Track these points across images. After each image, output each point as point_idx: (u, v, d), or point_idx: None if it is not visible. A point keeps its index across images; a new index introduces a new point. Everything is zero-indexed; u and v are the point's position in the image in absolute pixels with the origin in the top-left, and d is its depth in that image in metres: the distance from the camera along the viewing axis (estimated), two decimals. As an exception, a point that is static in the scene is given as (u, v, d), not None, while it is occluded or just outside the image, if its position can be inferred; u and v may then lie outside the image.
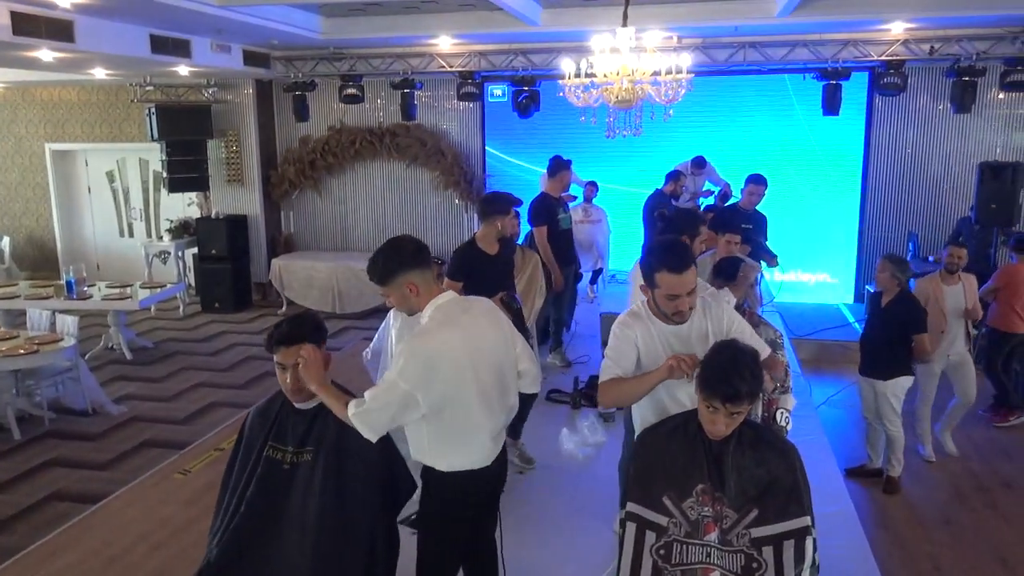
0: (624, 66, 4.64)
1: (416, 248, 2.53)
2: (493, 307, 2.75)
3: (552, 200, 6.17)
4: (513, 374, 2.71)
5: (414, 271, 2.49)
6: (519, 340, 2.77)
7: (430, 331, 2.47)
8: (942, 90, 8.47)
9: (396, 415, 2.39)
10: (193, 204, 10.78)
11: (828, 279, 9.40)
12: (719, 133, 9.19)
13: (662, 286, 2.47)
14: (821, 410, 6.31)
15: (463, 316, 2.54)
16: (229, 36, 7.98)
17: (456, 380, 2.45)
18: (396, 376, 2.38)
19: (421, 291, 2.51)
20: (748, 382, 2.15)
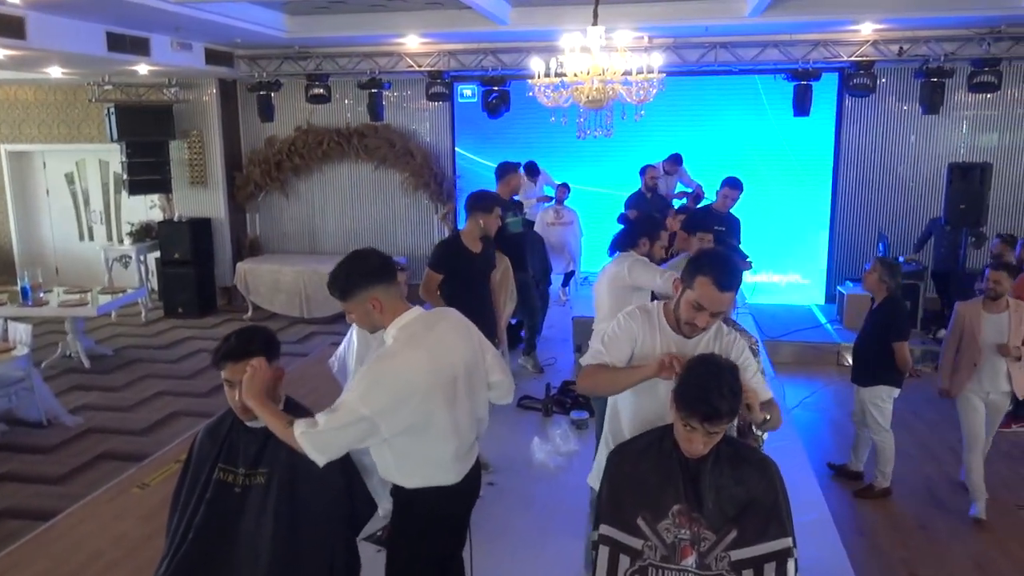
0: (595, 66, 4.54)
1: (381, 262, 2.40)
2: (461, 319, 2.62)
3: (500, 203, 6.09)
4: (484, 388, 2.61)
5: (378, 286, 2.35)
6: (490, 351, 2.66)
7: (395, 354, 2.33)
8: (911, 91, 8.50)
9: (354, 441, 2.25)
10: (155, 207, 10.50)
11: (800, 280, 9.39)
12: (690, 134, 9.14)
13: (697, 291, 2.33)
14: (795, 413, 6.28)
15: (429, 335, 2.40)
16: (190, 34, 7.75)
17: (423, 405, 2.32)
18: (358, 401, 2.22)
19: (385, 308, 2.37)
20: (728, 400, 2.04)
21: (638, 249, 3.85)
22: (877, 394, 4.85)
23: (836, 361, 7.65)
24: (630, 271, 3.80)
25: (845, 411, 6.44)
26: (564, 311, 7.76)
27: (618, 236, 3.96)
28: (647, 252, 3.86)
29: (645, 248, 3.87)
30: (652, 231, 3.91)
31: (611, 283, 3.83)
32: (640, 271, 3.79)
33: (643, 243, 3.86)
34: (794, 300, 9.22)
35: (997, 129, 8.53)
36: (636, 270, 3.80)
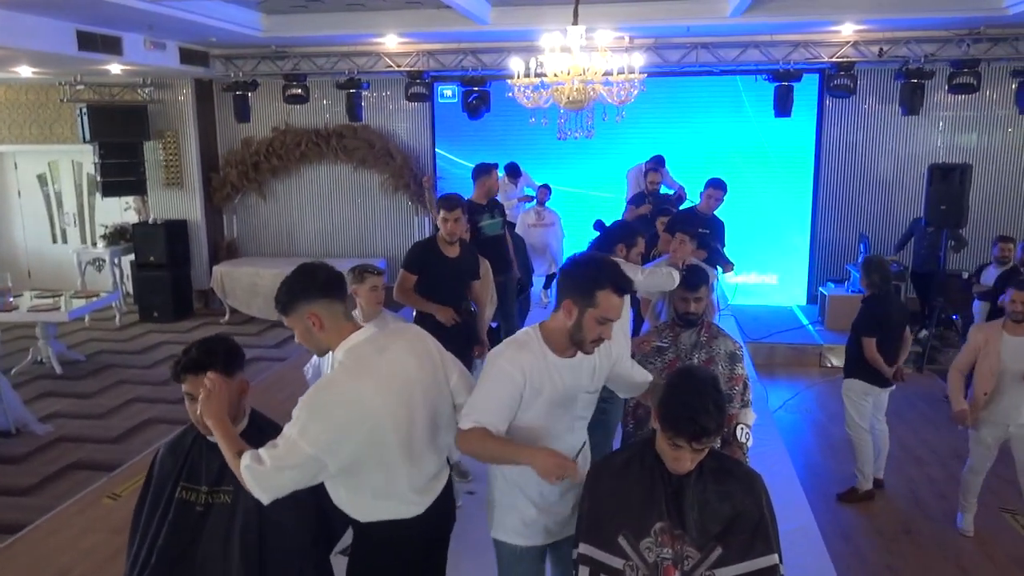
0: (575, 66, 4.46)
1: (328, 278, 2.21)
2: (419, 336, 2.41)
3: (473, 206, 5.81)
4: (448, 412, 2.39)
5: (319, 301, 2.17)
6: (455, 371, 2.43)
7: (337, 382, 2.13)
8: (891, 92, 8.50)
9: (297, 479, 2.06)
10: (130, 209, 10.32)
11: (782, 281, 9.37)
12: (672, 135, 9.09)
13: (602, 305, 2.19)
14: (777, 415, 6.25)
15: (379, 358, 2.19)
16: (163, 33, 7.60)
17: (371, 437, 2.12)
18: (297, 436, 2.03)
19: (326, 325, 2.18)
20: (715, 416, 1.96)
21: (614, 256, 3.69)
22: (850, 387, 4.86)
23: (819, 363, 7.64)
24: None
25: (828, 413, 6.44)
26: (545, 314, 7.63)
27: (593, 243, 3.84)
28: (624, 258, 3.74)
29: (622, 254, 3.74)
30: (628, 237, 3.79)
31: None
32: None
33: (619, 249, 3.73)
34: (776, 301, 9.20)
35: (976, 130, 8.56)
36: None
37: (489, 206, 5.80)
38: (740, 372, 3.30)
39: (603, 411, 3.45)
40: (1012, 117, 8.35)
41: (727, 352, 3.32)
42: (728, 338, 3.39)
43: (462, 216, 4.34)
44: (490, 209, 5.79)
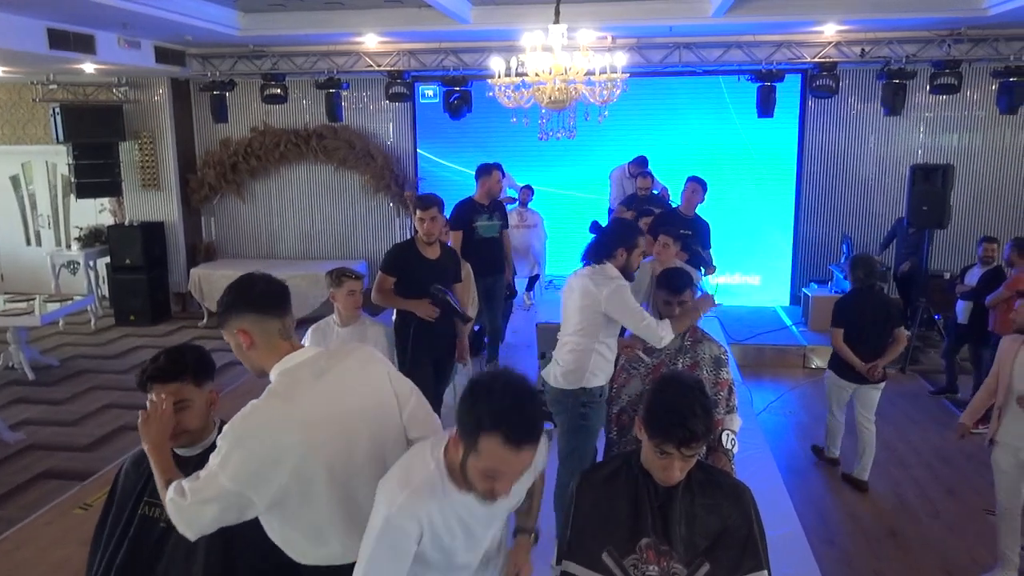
0: (556, 65, 4.39)
1: (267, 290, 2.00)
2: (368, 360, 2.14)
3: (473, 205, 5.85)
4: (398, 445, 2.10)
5: (250, 315, 1.96)
6: (411, 401, 2.15)
7: (262, 409, 1.90)
8: (873, 93, 8.51)
9: (221, 515, 1.86)
10: (105, 210, 10.13)
11: (765, 282, 9.35)
12: (655, 136, 9.04)
13: (483, 456, 1.69)
14: (762, 417, 6.21)
15: (315, 383, 1.97)
16: (137, 31, 7.45)
17: (300, 473, 1.90)
18: (217, 468, 1.84)
19: (257, 343, 1.97)
20: (703, 420, 1.89)
21: (614, 260, 3.46)
22: (827, 376, 5.26)
23: (802, 364, 7.61)
24: (607, 301, 3.34)
25: (811, 414, 6.41)
26: (528, 316, 7.62)
27: (591, 246, 3.59)
28: (623, 264, 3.49)
29: (622, 259, 3.48)
30: (628, 240, 3.50)
31: (583, 301, 3.43)
32: (618, 306, 3.33)
33: (619, 254, 3.47)
34: (759, 302, 9.18)
35: (958, 130, 8.58)
36: (614, 304, 3.33)
37: (491, 207, 5.77)
38: (725, 377, 3.24)
39: (584, 416, 3.39)
40: (993, 118, 8.37)
41: (712, 356, 3.25)
42: (713, 342, 3.32)
43: (439, 215, 4.22)
44: (491, 210, 5.76)
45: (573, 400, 3.42)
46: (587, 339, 3.43)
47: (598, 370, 3.42)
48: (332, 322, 3.93)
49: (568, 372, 3.45)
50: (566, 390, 3.44)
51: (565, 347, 3.50)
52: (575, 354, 3.44)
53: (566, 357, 3.48)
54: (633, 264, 3.56)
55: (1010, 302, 5.79)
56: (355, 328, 3.90)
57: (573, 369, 3.43)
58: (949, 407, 6.50)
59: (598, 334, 3.42)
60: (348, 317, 3.89)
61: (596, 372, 3.42)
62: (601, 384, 3.43)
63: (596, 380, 3.42)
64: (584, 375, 3.41)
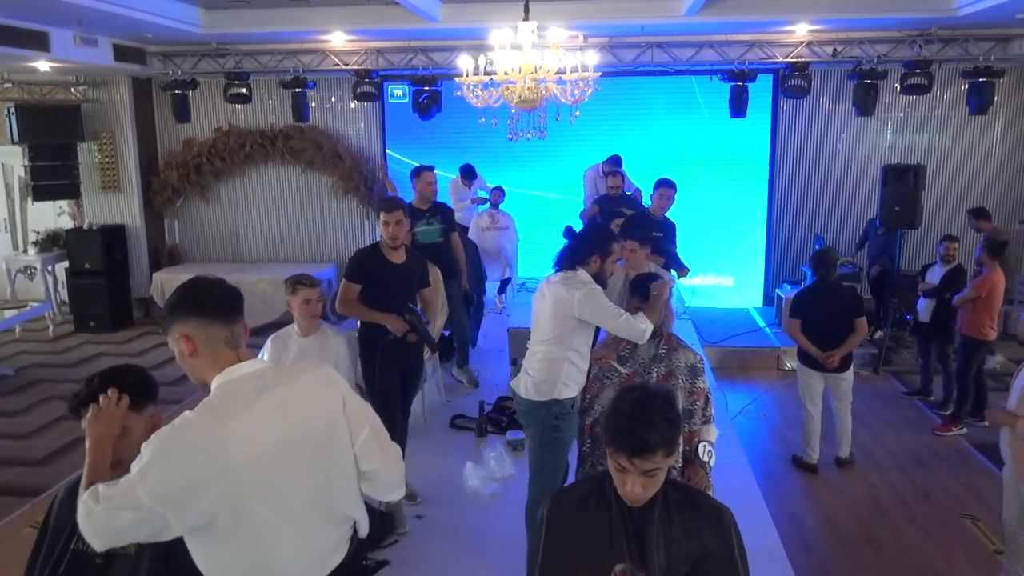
0: (526, 63, 4.26)
1: (217, 295, 1.84)
2: (322, 380, 1.96)
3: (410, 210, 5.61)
4: (346, 476, 1.94)
5: (195, 320, 1.80)
6: (365, 428, 1.97)
7: (193, 424, 1.71)
8: (845, 93, 8.49)
9: (133, 529, 1.69)
10: (64, 213, 9.82)
11: (738, 283, 9.31)
12: (627, 136, 8.95)
13: None
14: (737, 420, 6.13)
15: (257, 399, 1.78)
16: (93, 28, 7.19)
17: (228, 497, 1.70)
18: (136, 478, 1.66)
19: (200, 351, 1.81)
20: (660, 429, 1.76)
21: (588, 267, 3.31)
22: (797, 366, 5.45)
23: (776, 365, 7.56)
24: (580, 306, 3.21)
25: (786, 417, 6.35)
26: (500, 320, 7.48)
27: (563, 252, 3.39)
28: (597, 271, 3.33)
29: (596, 266, 3.32)
30: (602, 246, 3.34)
31: (556, 307, 3.29)
32: (592, 309, 3.21)
33: (593, 261, 3.31)
34: (732, 303, 9.13)
35: (929, 130, 8.60)
36: (587, 307, 3.21)
37: (430, 211, 5.53)
38: (702, 386, 3.13)
39: (556, 428, 3.26)
40: (963, 118, 8.40)
41: (687, 365, 3.14)
42: (688, 350, 3.21)
43: (404, 219, 4.01)
44: (430, 214, 5.51)
45: (545, 412, 3.28)
46: (559, 347, 3.29)
47: (570, 380, 3.28)
48: (292, 331, 3.74)
49: (539, 383, 3.31)
50: (537, 401, 3.30)
51: (535, 356, 3.36)
52: (546, 363, 3.30)
53: (536, 367, 3.34)
54: (607, 271, 3.43)
55: (976, 302, 5.80)
56: (316, 338, 3.72)
57: (544, 379, 3.29)
58: (923, 408, 6.49)
59: (571, 342, 3.29)
60: (307, 327, 3.71)
61: (568, 382, 3.28)
62: (573, 395, 3.30)
63: (568, 391, 3.28)
64: (556, 386, 3.27)
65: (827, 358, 5.08)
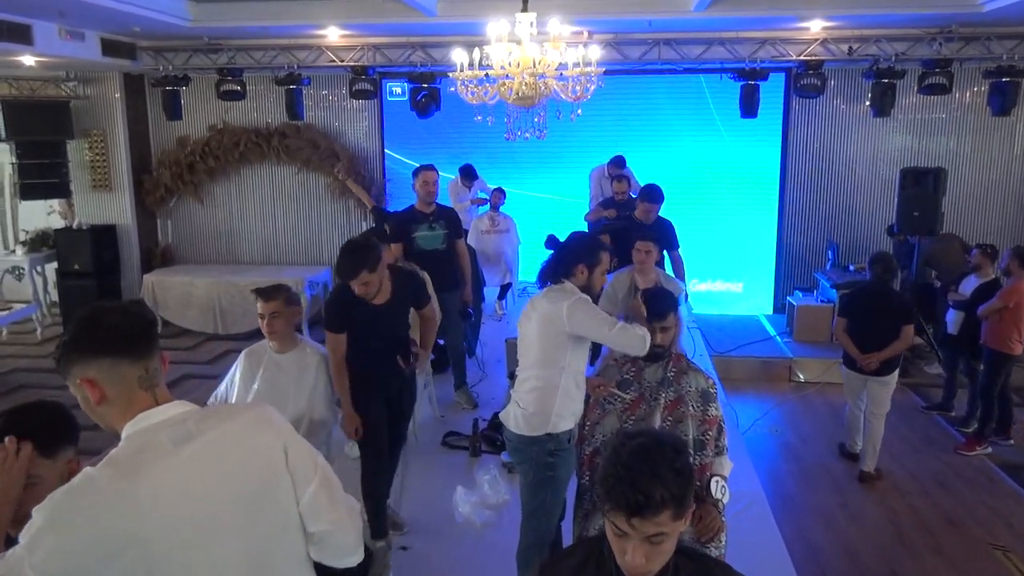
0: (524, 58, 3.95)
1: (122, 325, 1.51)
2: (260, 424, 1.63)
3: (412, 213, 5.25)
4: (290, 541, 1.64)
5: (98, 360, 1.49)
6: (313, 483, 1.64)
7: (93, 484, 1.40)
8: (861, 93, 8.17)
9: None
10: (54, 212, 9.56)
11: (748, 289, 8.99)
12: (634, 135, 8.64)
13: None
14: (748, 436, 5.81)
15: (175, 452, 1.48)
16: (78, 21, 6.92)
17: (136, 572, 1.41)
18: (24, 552, 1.36)
19: (111, 397, 1.50)
20: (667, 482, 1.45)
21: (574, 279, 2.99)
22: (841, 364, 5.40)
23: (788, 376, 7.24)
24: (570, 316, 2.89)
25: (799, 433, 6.04)
26: (500, 327, 7.18)
27: (547, 264, 3.07)
28: (585, 283, 3.01)
29: (583, 278, 3.01)
30: (589, 255, 3.02)
31: (544, 325, 2.96)
32: (583, 319, 2.90)
33: (580, 271, 2.99)
34: (741, 310, 8.81)
35: (949, 133, 8.25)
36: (578, 316, 2.91)
37: (433, 215, 5.19)
38: (714, 413, 2.82)
39: (550, 466, 2.94)
40: (984, 120, 8.05)
41: (699, 389, 2.83)
42: (700, 373, 2.90)
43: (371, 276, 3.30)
44: (433, 219, 5.17)
45: (538, 449, 2.94)
46: (550, 371, 2.94)
47: (565, 411, 2.94)
48: (267, 347, 3.41)
49: (530, 416, 2.96)
50: (529, 437, 2.95)
51: (525, 385, 3.02)
52: (537, 393, 2.96)
53: (527, 398, 2.99)
54: (596, 283, 3.08)
55: (1003, 313, 5.47)
56: (292, 356, 3.36)
57: (535, 412, 2.95)
58: (944, 425, 6.16)
59: (563, 363, 2.94)
60: (281, 342, 3.38)
61: (563, 414, 2.94)
62: (569, 428, 2.97)
63: (564, 423, 2.94)
64: (549, 419, 2.92)
65: (865, 360, 5.02)
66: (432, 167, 5.26)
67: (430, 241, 5.12)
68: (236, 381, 3.37)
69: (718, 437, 2.81)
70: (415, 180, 5.20)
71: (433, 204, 5.18)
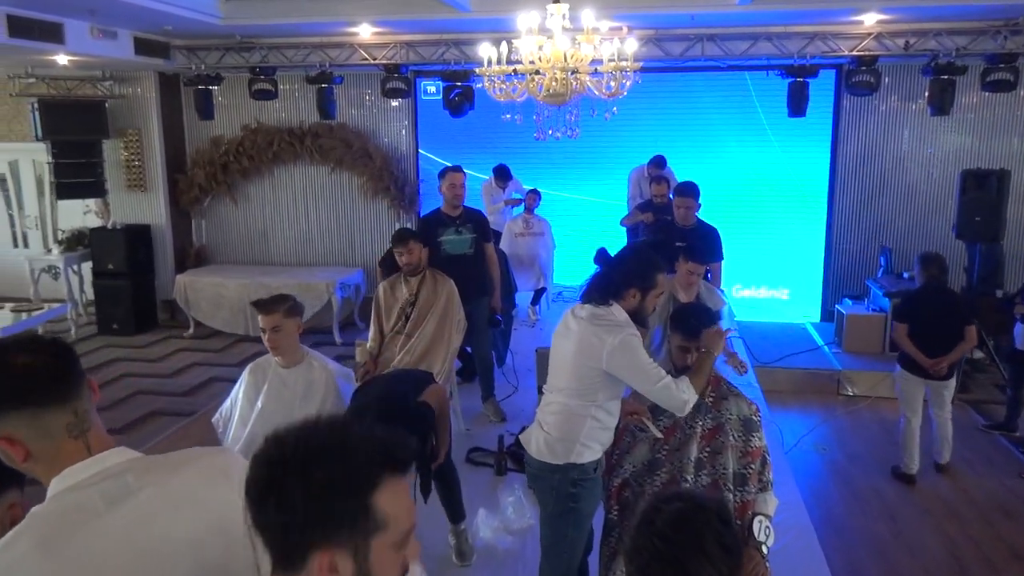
0: (555, 52, 3.69)
1: (37, 368, 1.27)
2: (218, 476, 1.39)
3: (439, 217, 5.00)
4: None
5: (16, 413, 1.25)
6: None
7: (8, 556, 1.19)
8: (917, 90, 7.73)
9: None
10: (90, 212, 9.57)
11: (794, 296, 8.60)
12: (674, 135, 8.31)
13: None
14: (791, 456, 5.46)
15: (111, 511, 1.25)
16: (108, 19, 6.85)
17: None
18: None
19: (36, 453, 1.27)
20: (715, 562, 1.21)
21: (623, 302, 2.66)
22: (898, 372, 5.18)
23: (836, 390, 6.85)
24: (610, 358, 2.56)
25: (848, 453, 5.67)
26: (532, 334, 6.92)
27: (593, 281, 2.72)
28: (636, 307, 2.66)
29: (633, 301, 2.66)
30: (643, 277, 2.65)
31: (581, 356, 2.64)
32: (625, 365, 2.56)
33: (631, 295, 2.66)
34: (787, 318, 8.42)
35: (1012, 132, 7.75)
36: (619, 361, 2.56)
37: (461, 219, 4.96)
38: (758, 444, 2.54)
39: (573, 498, 2.66)
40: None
41: (740, 417, 2.56)
42: (742, 398, 2.62)
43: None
44: (460, 222, 4.94)
45: (560, 477, 2.67)
46: (580, 401, 2.66)
47: (592, 440, 2.66)
48: (273, 360, 3.22)
49: (553, 442, 2.69)
50: (551, 464, 2.69)
51: (551, 407, 2.74)
52: (563, 418, 2.68)
53: (551, 421, 2.71)
54: (648, 308, 2.74)
55: None
56: (298, 371, 3.16)
57: (560, 438, 2.68)
58: (1006, 446, 5.73)
59: (595, 396, 2.65)
60: (286, 357, 3.18)
61: (590, 443, 2.66)
62: (596, 458, 2.69)
63: (589, 453, 2.67)
64: (574, 447, 2.65)
65: (935, 365, 4.89)
66: (459, 168, 5.02)
67: (457, 246, 4.89)
68: (239, 398, 3.18)
69: (762, 470, 2.53)
70: (441, 182, 4.98)
71: (460, 207, 4.95)
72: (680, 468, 2.47)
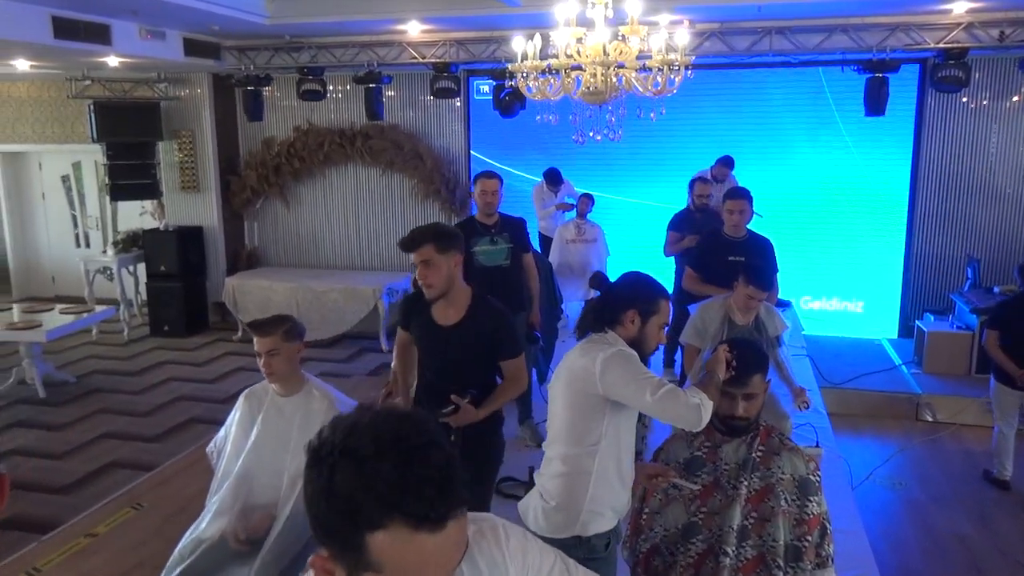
0: (595, 46, 3.31)
1: None
2: None
3: (473, 224, 4.62)
4: None
5: None
6: None
7: None
8: (1012, 86, 7.03)
9: None
10: (145, 213, 9.62)
11: (869, 310, 7.96)
12: (740, 136, 7.79)
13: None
14: (860, 490, 4.92)
15: None
16: (152, 19, 6.77)
17: None
18: None
19: None
20: None
21: (621, 328, 2.30)
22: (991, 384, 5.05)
23: (915, 415, 6.24)
24: (603, 373, 2.19)
25: (928, 490, 5.10)
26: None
27: (587, 310, 2.39)
28: (635, 336, 2.30)
29: (632, 328, 2.30)
30: (646, 301, 2.32)
31: (571, 385, 2.28)
32: (620, 377, 2.20)
33: (630, 319, 2.30)
34: (861, 333, 7.80)
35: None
36: (613, 373, 2.20)
37: (497, 227, 4.59)
38: (816, 511, 2.11)
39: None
40: None
41: (795, 477, 2.13)
42: (797, 454, 2.19)
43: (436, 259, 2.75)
44: (495, 232, 4.58)
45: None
46: (578, 450, 2.25)
47: (601, 505, 2.24)
48: (270, 388, 2.94)
49: (552, 511, 2.28)
50: (551, 539, 2.12)
51: (549, 469, 2.35)
52: (563, 480, 2.27)
53: (550, 485, 2.31)
54: (649, 338, 2.34)
55: None
56: (298, 399, 2.86)
57: (559, 506, 2.27)
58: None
59: (595, 437, 2.23)
60: (284, 384, 2.89)
61: (599, 509, 2.24)
62: (607, 528, 2.28)
63: (598, 523, 2.25)
64: (578, 517, 2.24)
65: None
66: (492, 174, 4.64)
67: (492, 256, 4.53)
68: (234, 428, 2.91)
69: (820, 542, 2.10)
70: (474, 188, 4.64)
71: (495, 215, 4.59)
72: (720, 538, 2.07)
